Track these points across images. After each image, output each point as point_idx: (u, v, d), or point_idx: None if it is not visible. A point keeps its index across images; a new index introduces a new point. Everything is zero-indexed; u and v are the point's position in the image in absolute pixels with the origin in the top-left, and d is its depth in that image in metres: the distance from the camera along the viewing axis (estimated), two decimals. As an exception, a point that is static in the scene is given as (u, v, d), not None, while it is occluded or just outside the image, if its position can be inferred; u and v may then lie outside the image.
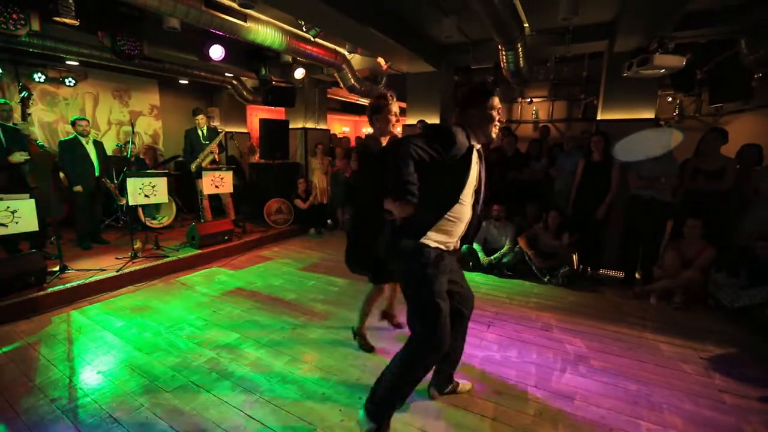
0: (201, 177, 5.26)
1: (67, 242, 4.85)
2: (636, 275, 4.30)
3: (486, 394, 2.30)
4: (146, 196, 4.40)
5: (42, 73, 5.77)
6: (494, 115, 1.81)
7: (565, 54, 5.15)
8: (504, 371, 2.55)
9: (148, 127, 7.49)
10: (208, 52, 4.95)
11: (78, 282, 3.64)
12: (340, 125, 12.16)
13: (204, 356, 2.68)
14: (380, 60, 5.68)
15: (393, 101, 2.37)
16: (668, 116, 7.18)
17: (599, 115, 4.83)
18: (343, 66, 5.63)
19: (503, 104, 8.29)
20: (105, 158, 5.03)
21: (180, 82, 7.40)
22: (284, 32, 4.48)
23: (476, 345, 2.89)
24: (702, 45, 4.70)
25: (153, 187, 4.44)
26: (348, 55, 5.69)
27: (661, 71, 3.74)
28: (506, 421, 2.08)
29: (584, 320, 3.36)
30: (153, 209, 5.86)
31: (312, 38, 4.73)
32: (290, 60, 6.10)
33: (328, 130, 8.09)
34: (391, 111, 2.35)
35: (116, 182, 5.21)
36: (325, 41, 5.17)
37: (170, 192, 5.33)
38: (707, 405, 2.26)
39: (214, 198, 5.95)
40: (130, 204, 4.37)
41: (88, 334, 2.96)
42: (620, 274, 4.46)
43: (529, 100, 8.12)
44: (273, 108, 7.37)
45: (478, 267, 4.60)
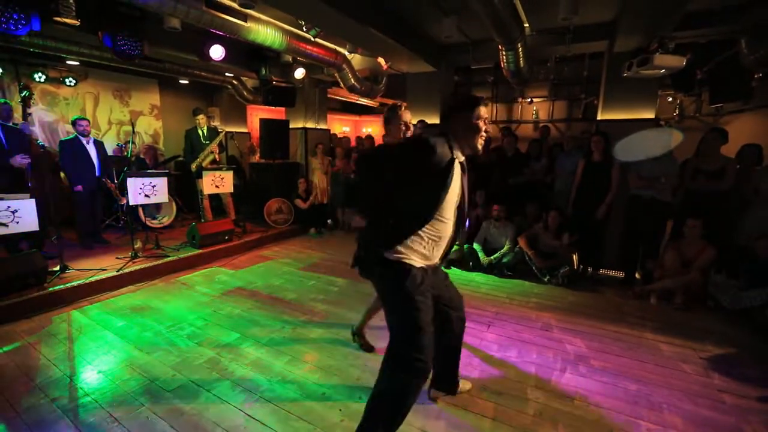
0: (201, 177, 5.27)
1: (68, 242, 4.86)
2: (636, 275, 4.30)
3: (486, 394, 2.31)
4: (146, 196, 4.41)
5: (42, 73, 5.77)
6: (481, 126, 1.73)
7: (566, 54, 5.15)
8: (504, 371, 2.56)
9: (149, 127, 7.49)
10: (209, 52, 4.95)
11: (78, 282, 3.65)
12: (341, 125, 12.16)
13: (204, 356, 2.68)
14: (380, 60, 5.68)
15: (404, 111, 2.45)
16: (668, 116, 7.17)
17: (599, 115, 4.83)
18: (344, 66, 5.63)
19: (503, 104, 8.41)
20: (105, 158, 5.03)
21: (180, 82, 7.40)
22: (284, 32, 4.48)
23: (476, 345, 2.89)
24: (702, 45, 4.70)
25: (153, 187, 4.45)
26: (348, 55, 5.69)
27: (661, 71, 3.74)
28: (506, 421, 2.08)
29: (584, 320, 3.36)
30: (153, 209, 5.87)
31: (312, 38, 4.73)
32: (290, 60, 6.10)
33: (329, 130, 8.10)
34: (402, 120, 2.44)
35: (117, 182, 5.21)
36: (326, 41, 5.17)
37: (170, 192, 5.34)
38: (707, 405, 2.26)
39: (215, 198, 5.96)
40: (131, 204, 4.38)
41: (89, 334, 2.97)
42: (620, 274, 4.46)
43: (530, 100, 8.12)
44: (273, 108, 7.37)
45: (478, 267, 4.61)
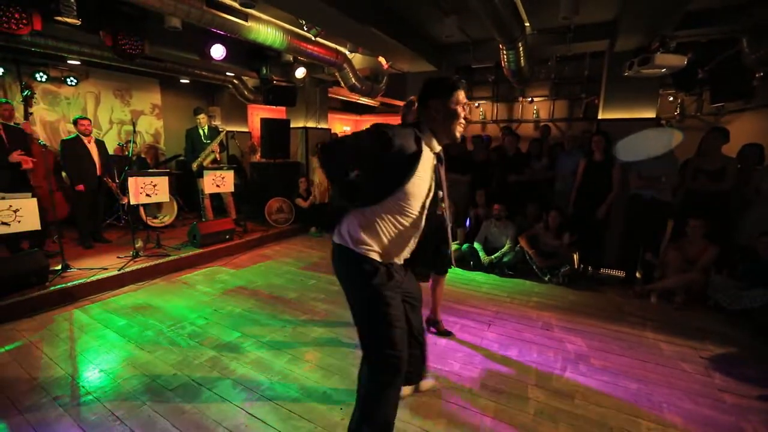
0: (202, 176, 5.28)
1: (69, 241, 4.87)
2: (637, 275, 4.30)
3: (486, 393, 2.31)
4: (148, 195, 4.42)
5: (44, 73, 5.78)
6: (459, 111, 1.60)
7: (566, 53, 5.14)
8: (504, 370, 2.56)
9: (150, 127, 7.50)
10: (210, 52, 4.95)
11: (80, 281, 3.66)
12: (341, 124, 12.16)
13: (205, 355, 2.69)
14: (381, 59, 5.67)
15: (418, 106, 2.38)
16: (669, 116, 7.15)
17: (600, 115, 4.83)
18: (344, 65, 5.63)
19: (504, 104, 8.39)
20: (107, 157, 5.04)
21: (181, 82, 7.40)
22: (285, 32, 4.48)
23: (477, 344, 2.89)
24: (703, 44, 4.69)
25: (154, 186, 4.46)
26: (349, 55, 5.69)
27: (663, 70, 3.74)
28: (507, 420, 2.09)
29: (585, 319, 3.37)
30: (154, 208, 5.88)
31: (313, 38, 4.74)
32: (291, 59, 6.10)
33: (329, 130, 8.09)
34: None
35: (118, 181, 5.22)
36: (326, 41, 5.17)
37: (171, 191, 5.35)
38: (707, 404, 2.26)
39: (216, 197, 5.96)
40: (132, 203, 4.39)
41: (90, 333, 2.98)
42: (621, 274, 4.46)
43: (530, 100, 8.10)
44: (274, 107, 7.36)
45: (479, 266, 4.61)
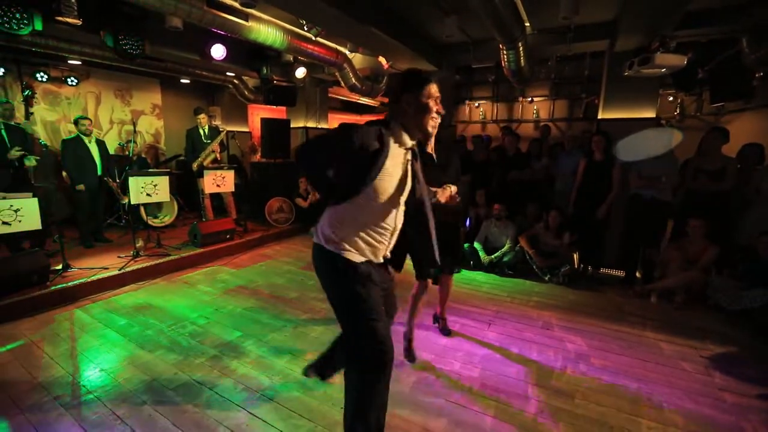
0: (203, 176, 5.28)
1: (70, 241, 4.87)
2: (637, 274, 4.30)
3: (487, 392, 2.31)
4: (148, 195, 4.42)
5: (44, 73, 5.78)
6: (431, 106, 1.57)
7: (566, 53, 5.14)
8: (505, 369, 2.57)
9: (150, 127, 7.50)
10: (210, 52, 4.95)
11: (81, 280, 3.66)
12: (341, 124, 12.18)
13: (206, 354, 2.70)
14: (381, 59, 5.68)
15: None
16: (669, 115, 7.16)
17: (600, 114, 4.83)
18: (345, 65, 5.64)
19: (504, 103, 8.40)
20: (107, 157, 5.05)
21: (182, 82, 7.40)
22: (286, 31, 4.49)
23: (477, 343, 2.90)
24: (703, 44, 4.70)
25: (155, 186, 4.46)
26: (349, 55, 5.69)
27: (663, 70, 3.74)
28: (507, 419, 2.09)
29: (585, 319, 3.37)
30: (155, 208, 5.88)
31: (313, 38, 4.74)
32: (291, 59, 6.10)
33: (330, 129, 8.10)
34: None
35: (118, 181, 5.23)
36: (327, 41, 5.18)
37: (172, 191, 5.35)
38: (707, 403, 2.27)
39: (216, 197, 5.97)
40: (133, 203, 4.40)
41: (91, 332, 2.98)
42: (621, 274, 4.46)
43: (530, 99, 8.11)
44: (274, 107, 7.37)
45: (479, 266, 4.61)
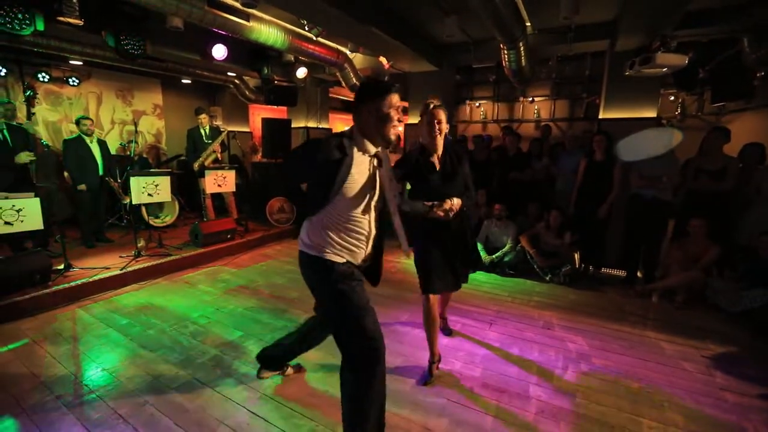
0: (204, 176, 5.29)
1: (71, 241, 4.88)
2: (638, 274, 4.30)
3: (488, 392, 2.32)
4: (149, 195, 4.43)
5: (46, 73, 5.79)
6: (392, 115, 1.63)
7: (567, 53, 5.14)
8: (506, 369, 2.57)
9: (151, 127, 7.51)
10: (211, 52, 4.96)
11: (82, 280, 3.67)
12: (342, 124, 12.16)
13: (208, 354, 2.70)
14: (382, 59, 5.68)
15: (432, 109, 2.28)
16: (670, 115, 7.15)
17: (601, 114, 4.83)
18: (345, 65, 5.64)
19: (505, 103, 8.39)
20: (109, 157, 5.06)
21: (183, 82, 7.41)
22: (287, 31, 4.50)
23: (478, 343, 2.90)
24: (704, 44, 4.70)
25: (156, 186, 4.47)
26: (350, 55, 5.70)
27: (664, 70, 3.74)
28: (508, 419, 2.09)
29: (586, 319, 3.37)
30: (156, 208, 5.89)
31: (314, 38, 4.75)
32: (292, 59, 6.11)
33: (330, 130, 8.11)
34: (427, 117, 2.30)
35: (120, 181, 5.24)
36: (327, 41, 5.18)
37: (173, 191, 5.36)
38: (708, 403, 2.27)
39: (217, 197, 5.97)
40: (134, 203, 4.40)
41: (93, 332, 2.99)
42: (622, 273, 4.46)
43: (531, 99, 8.10)
44: (275, 107, 7.38)
45: (480, 266, 4.61)
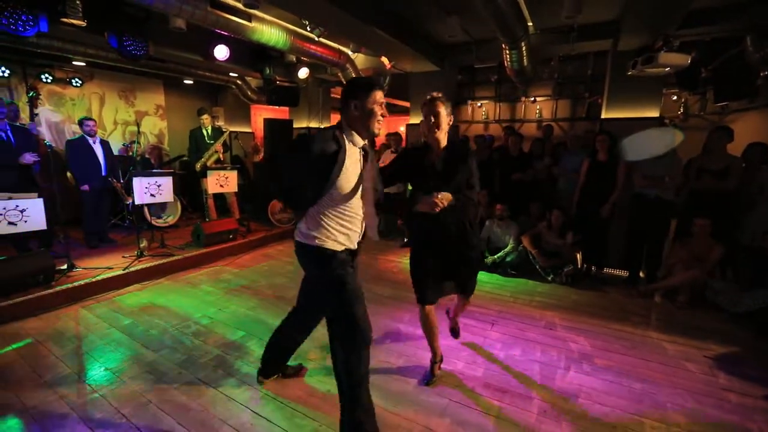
0: (206, 176, 5.30)
1: (75, 241, 4.90)
2: (640, 274, 4.29)
3: (490, 393, 2.32)
4: (152, 196, 4.44)
5: (49, 74, 5.83)
6: (376, 110, 1.78)
7: (569, 53, 5.14)
8: (508, 369, 2.56)
9: (154, 127, 7.54)
10: (213, 52, 4.98)
11: (85, 280, 3.68)
12: (344, 125, 12.19)
13: (210, 353, 2.71)
14: (384, 59, 5.69)
15: (430, 104, 2.23)
16: (673, 115, 7.13)
17: (603, 114, 4.82)
18: (347, 65, 5.65)
19: (507, 103, 8.38)
20: (112, 158, 5.07)
21: (185, 82, 7.44)
22: (288, 32, 4.51)
23: (480, 343, 2.90)
24: (707, 43, 4.68)
25: (158, 187, 4.48)
26: (352, 55, 5.71)
27: (666, 69, 3.73)
28: (510, 419, 2.09)
29: (588, 319, 3.36)
30: (159, 208, 5.91)
31: (316, 38, 4.76)
32: (294, 60, 6.12)
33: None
34: (425, 113, 2.27)
35: (122, 181, 5.26)
36: (329, 41, 5.19)
37: (175, 191, 5.37)
38: (711, 404, 2.26)
39: (219, 197, 5.98)
40: (136, 203, 4.42)
41: (96, 332, 3.00)
42: (624, 273, 4.45)
43: (533, 99, 8.09)
44: (277, 108, 7.40)
45: (482, 266, 4.61)
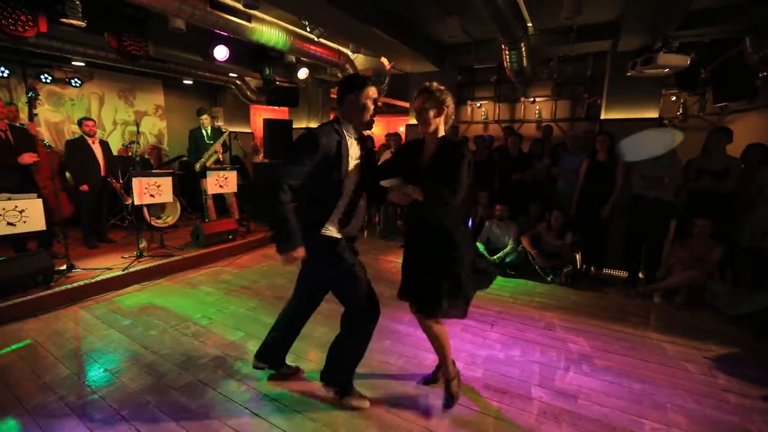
0: (205, 177, 5.30)
1: (74, 241, 4.90)
2: (639, 275, 4.29)
3: (490, 393, 2.32)
4: (151, 196, 4.44)
5: (48, 74, 5.82)
6: (369, 105, 1.94)
7: (569, 53, 5.14)
8: (507, 370, 2.57)
9: (153, 127, 7.54)
10: (213, 53, 4.98)
11: (85, 281, 3.68)
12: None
13: (210, 354, 2.71)
14: (384, 60, 5.69)
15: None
16: (672, 115, 7.13)
17: (603, 115, 4.83)
18: (347, 66, 5.65)
19: (506, 104, 8.39)
20: (111, 158, 5.07)
21: (184, 83, 7.43)
22: (288, 32, 4.51)
23: (480, 344, 2.90)
24: (706, 44, 4.69)
25: (158, 187, 4.48)
26: (351, 55, 5.71)
27: (665, 71, 3.73)
28: (510, 420, 2.09)
29: (587, 319, 3.36)
30: (158, 209, 5.90)
31: (316, 38, 4.76)
32: (294, 60, 6.12)
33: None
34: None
35: (122, 182, 5.25)
36: (329, 41, 5.19)
37: (175, 192, 5.36)
38: (711, 404, 2.27)
39: (218, 198, 5.98)
40: (136, 203, 4.41)
41: (95, 333, 3.00)
42: (623, 274, 4.45)
43: (532, 100, 8.09)
44: (276, 108, 7.39)
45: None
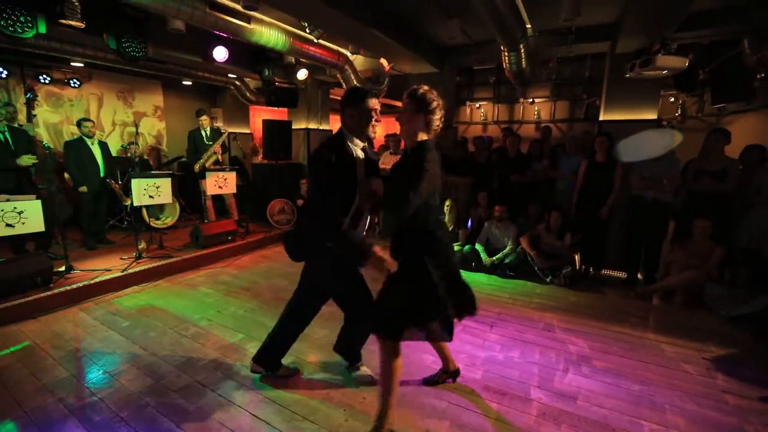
0: (204, 177, 5.30)
1: (73, 243, 4.89)
2: (638, 276, 4.30)
3: (489, 395, 2.32)
4: (150, 197, 4.44)
5: (47, 75, 5.81)
6: (372, 115, 1.98)
7: (568, 55, 5.15)
8: (507, 371, 2.57)
9: (152, 128, 7.52)
10: (212, 54, 4.98)
11: (84, 282, 3.67)
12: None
13: (209, 356, 2.70)
14: (383, 61, 5.69)
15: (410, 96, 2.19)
16: (671, 117, 7.16)
17: (601, 116, 4.83)
18: (346, 67, 5.66)
19: (505, 105, 8.41)
20: (110, 159, 5.06)
21: (183, 83, 7.42)
22: (287, 33, 4.50)
23: (479, 345, 2.90)
24: (704, 46, 4.70)
25: (157, 188, 4.47)
26: (351, 56, 5.71)
27: (664, 72, 3.74)
28: (509, 421, 2.10)
29: (586, 321, 3.37)
30: (157, 210, 5.90)
31: (315, 39, 4.75)
32: (293, 61, 6.12)
33: (331, 131, 8.12)
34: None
35: (121, 183, 5.24)
36: (328, 42, 5.19)
37: (174, 192, 5.36)
38: (709, 405, 2.27)
39: (218, 198, 5.98)
40: (135, 204, 4.41)
41: (94, 334, 2.99)
42: (622, 275, 4.46)
43: (531, 101, 8.11)
44: (276, 109, 7.40)
45: (481, 267, 4.62)
